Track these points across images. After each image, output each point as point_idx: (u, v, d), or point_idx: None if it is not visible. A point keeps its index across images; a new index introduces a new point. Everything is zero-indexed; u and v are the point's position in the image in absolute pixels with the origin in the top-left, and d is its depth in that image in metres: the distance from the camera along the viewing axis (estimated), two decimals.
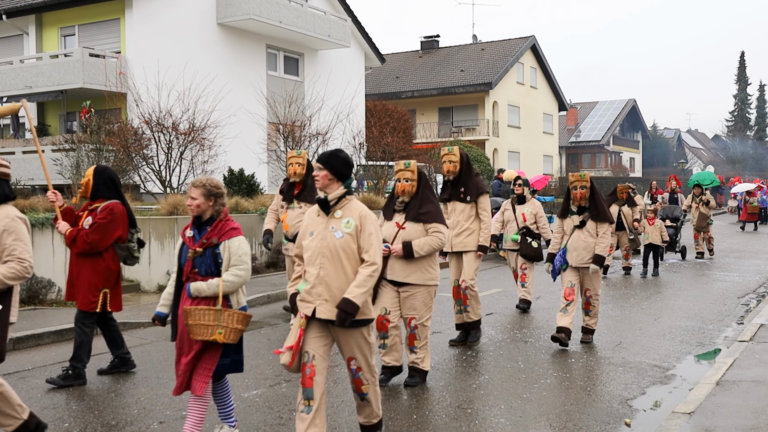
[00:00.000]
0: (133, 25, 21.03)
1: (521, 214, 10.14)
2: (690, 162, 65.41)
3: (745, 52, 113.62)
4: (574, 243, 7.81)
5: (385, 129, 21.20)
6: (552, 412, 5.70)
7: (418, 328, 6.23)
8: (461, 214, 7.58)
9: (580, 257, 7.79)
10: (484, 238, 7.59)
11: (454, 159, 7.55)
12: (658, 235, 13.71)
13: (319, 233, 4.51)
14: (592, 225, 7.79)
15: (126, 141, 15.45)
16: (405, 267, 6.14)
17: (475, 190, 7.57)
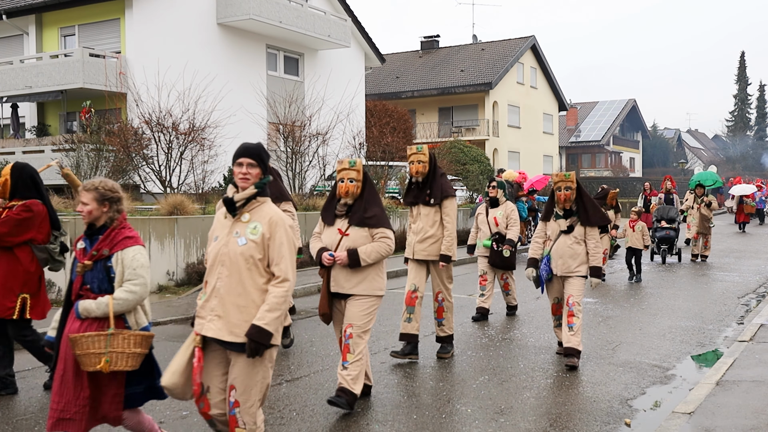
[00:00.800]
0: (133, 25, 21.04)
1: (493, 219, 9.45)
2: (690, 162, 65.45)
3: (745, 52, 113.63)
4: (560, 250, 7.05)
5: (385, 129, 21.19)
6: (552, 412, 5.70)
7: (353, 337, 5.50)
8: (426, 218, 7.06)
9: (566, 266, 7.04)
10: (446, 246, 7.01)
11: (423, 159, 7.00)
12: (639, 239, 13.02)
13: (222, 238, 4.02)
14: (580, 230, 7.05)
15: (126, 141, 15.44)
16: (350, 277, 5.50)
17: (440, 192, 6.99)
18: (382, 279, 5.69)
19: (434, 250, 7.04)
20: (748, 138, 69.50)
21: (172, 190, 15.32)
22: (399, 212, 17.55)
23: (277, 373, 6.75)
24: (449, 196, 7.04)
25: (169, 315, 9.51)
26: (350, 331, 5.52)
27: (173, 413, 5.62)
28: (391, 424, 5.39)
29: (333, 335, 8.44)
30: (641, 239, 13.02)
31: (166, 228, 11.73)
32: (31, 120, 23.51)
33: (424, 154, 7.02)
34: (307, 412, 5.63)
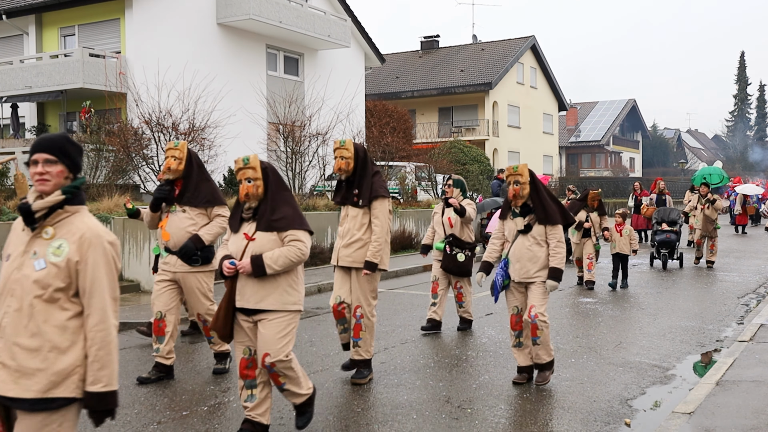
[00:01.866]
0: (133, 25, 21.04)
1: (447, 219, 8.46)
2: (690, 162, 65.44)
3: (745, 52, 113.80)
4: (518, 252, 6.21)
5: (385, 129, 21.21)
6: (552, 412, 5.70)
7: (276, 365, 4.72)
8: (354, 221, 6.26)
9: (524, 270, 6.20)
10: (372, 252, 6.14)
11: (346, 154, 6.18)
12: (626, 243, 12.10)
13: (15, 259, 2.99)
14: (540, 230, 6.19)
15: (126, 141, 15.46)
16: (258, 289, 4.68)
17: (369, 192, 6.18)
18: (298, 291, 4.84)
19: (360, 256, 6.22)
20: (748, 138, 69.52)
21: None
22: (399, 212, 17.54)
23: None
24: (379, 197, 6.21)
25: None
26: (270, 360, 4.69)
27: (173, 413, 5.62)
28: (391, 424, 5.39)
29: (333, 335, 8.45)
30: (628, 244, 12.11)
31: None
32: (31, 120, 23.51)
33: (347, 148, 6.19)
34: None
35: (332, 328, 8.82)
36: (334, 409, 5.72)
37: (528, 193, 6.19)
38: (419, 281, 13.03)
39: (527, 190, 6.18)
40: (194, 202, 6.40)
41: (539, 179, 6.26)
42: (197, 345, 8.01)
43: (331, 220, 15.41)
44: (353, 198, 6.25)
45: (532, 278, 6.20)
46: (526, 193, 6.18)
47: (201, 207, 6.41)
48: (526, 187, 6.19)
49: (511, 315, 6.42)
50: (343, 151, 6.20)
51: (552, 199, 6.25)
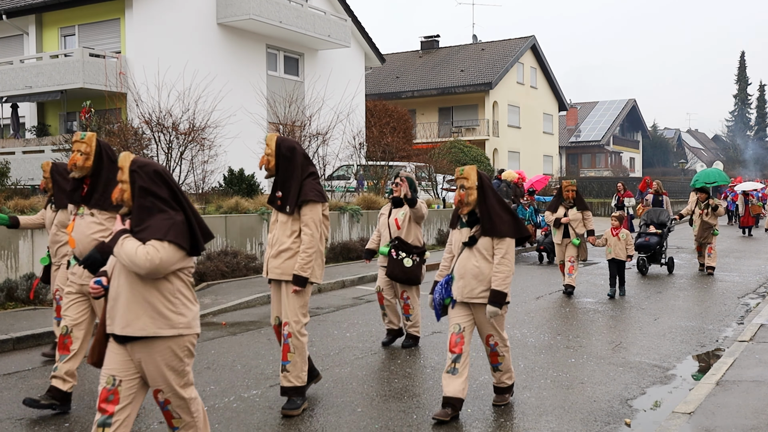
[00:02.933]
0: (133, 25, 21.05)
1: (394, 221, 7.64)
2: (690, 162, 65.46)
3: (745, 52, 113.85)
4: (462, 268, 5.40)
5: (385, 129, 21.21)
6: (552, 412, 5.70)
7: (171, 402, 3.94)
8: (282, 227, 5.56)
9: (468, 289, 5.36)
10: (301, 265, 5.44)
11: (267, 150, 5.51)
12: (622, 248, 11.23)
13: None
14: (486, 243, 5.35)
15: (126, 141, 15.44)
16: (126, 311, 3.78)
17: (295, 197, 5.45)
18: (180, 310, 3.84)
19: (289, 267, 5.53)
20: (748, 138, 69.54)
21: None
22: None
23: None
24: (309, 202, 5.46)
25: None
26: (163, 396, 3.94)
27: None
28: (391, 423, 5.39)
29: (333, 335, 8.46)
30: (625, 249, 11.27)
31: None
32: (31, 120, 23.52)
33: (267, 143, 5.52)
34: (306, 412, 5.63)
35: (332, 328, 8.84)
36: (334, 409, 5.73)
37: (475, 200, 5.35)
38: None
39: (474, 196, 5.34)
40: (103, 204, 5.38)
41: (489, 183, 5.43)
42: (197, 345, 8.00)
43: (332, 220, 15.41)
44: (277, 201, 5.56)
45: (476, 299, 5.37)
46: (473, 200, 5.34)
47: (112, 210, 5.32)
48: (473, 193, 5.34)
49: (451, 334, 5.43)
50: (266, 147, 5.52)
51: (503, 208, 5.39)
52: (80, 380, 6.51)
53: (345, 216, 15.82)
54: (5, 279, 9.83)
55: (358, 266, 14.13)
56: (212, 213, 13.47)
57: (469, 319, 5.47)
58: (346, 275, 12.88)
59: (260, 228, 13.64)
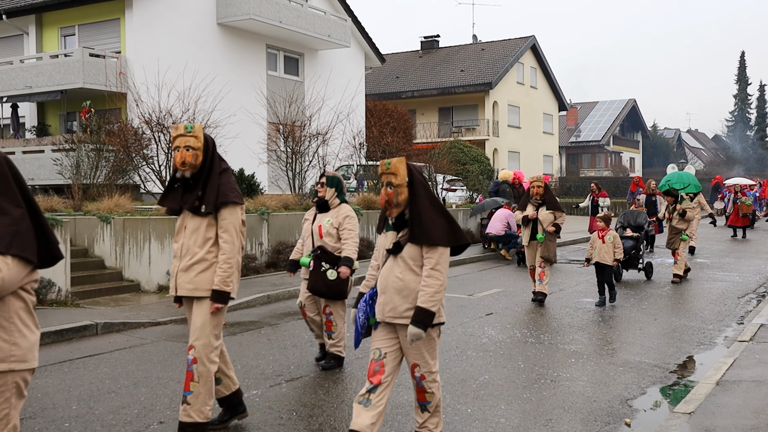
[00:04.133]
0: (133, 25, 21.05)
1: (318, 227, 6.73)
2: (690, 162, 65.48)
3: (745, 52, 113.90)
4: (384, 281, 4.42)
5: (385, 129, 21.20)
6: (552, 412, 5.70)
7: None
8: (194, 235, 4.80)
9: (391, 306, 4.35)
10: (221, 278, 4.73)
11: (193, 144, 4.76)
12: (609, 251, 10.39)
13: None
14: (414, 251, 4.33)
15: (126, 141, 15.45)
16: None
17: (214, 196, 4.75)
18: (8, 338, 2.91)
19: (203, 281, 4.78)
20: (749, 138, 69.55)
21: None
22: None
23: (277, 373, 6.74)
24: (229, 203, 4.78)
25: (169, 315, 9.51)
26: None
27: (173, 413, 5.62)
28: (391, 424, 5.39)
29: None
30: (611, 253, 10.45)
31: (166, 228, 11.74)
32: (31, 120, 23.52)
33: (195, 136, 4.77)
34: (306, 412, 5.63)
35: None
36: (334, 410, 5.73)
37: (405, 200, 4.36)
38: None
39: (404, 195, 4.35)
40: None
41: (422, 180, 4.45)
42: None
43: None
44: (194, 202, 4.77)
45: (400, 318, 4.32)
46: (403, 200, 4.35)
47: None
48: (404, 191, 4.35)
49: (371, 360, 4.45)
50: (189, 139, 4.76)
51: (436, 210, 4.38)
52: (79, 381, 6.51)
53: None
54: None
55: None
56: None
57: (393, 344, 4.44)
58: None
59: (260, 228, 13.65)
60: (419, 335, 4.23)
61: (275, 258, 13.59)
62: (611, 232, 10.58)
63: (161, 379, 6.59)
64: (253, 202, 14.31)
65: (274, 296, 11.02)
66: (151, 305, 10.38)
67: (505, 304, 10.59)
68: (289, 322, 9.32)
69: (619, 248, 10.52)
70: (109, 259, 12.05)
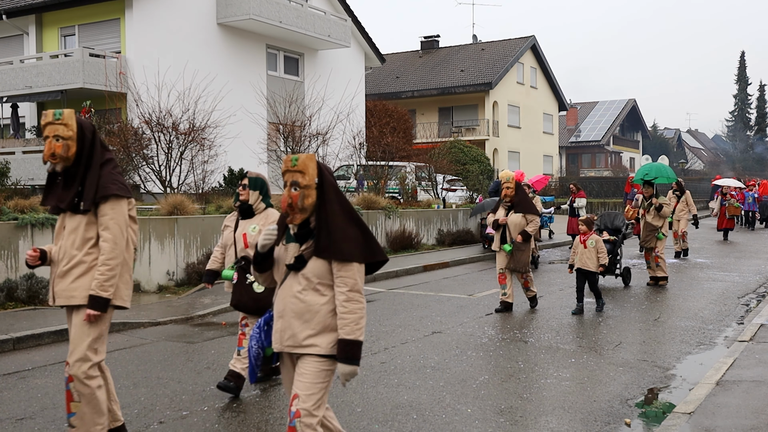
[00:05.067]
0: (133, 25, 21.05)
1: (242, 236, 5.95)
2: (690, 162, 65.49)
3: (745, 52, 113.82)
4: (282, 302, 3.66)
5: (385, 129, 21.21)
6: (552, 412, 5.70)
7: None
8: (72, 235, 4.23)
9: (289, 332, 3.61)
10: (100, 282, 4.17)
11: (62, 133, 4.16)
12: (591, 257, 9.73)
13: None
14: (320, 268, 3.57)
15: (126, 141, 15.46)
16: None
17: (93, 190, 4.16)
18: None
19: (82, 287, 4.22)
20: (749, 138, 69.53)
21: (172, 190, 15.33)
22: (399, 212, 17.54)
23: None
24: (111, 196, 4.19)
25: (169, 315, 9.51)
26: None
27: (173, 413, 5.63)
28: (391, 424, 5.39)
29: None
30: (595, 258, 9.77)
31: (166, 228, 11.73)
32: (31, 120, 23.52)
33: (65, 124, 4.18)
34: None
35: None
36: (334, 409, 5.72)
37: (313, 204, 3.60)
38: (419, 281, 13.03)
39: (312, 199, 3.59)
40: None
41: (333, 181, 3.68)
42: (197, 345, 8.02)
43: None
44: (72, 200, 4.19)
45: (301, 347, 3.59)
46: (310, 204, 3.59)
47: None
48: (312, 194, 3.59)
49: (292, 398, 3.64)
50: (58, 127, 4.17)
51: (349, 219, 3.63)
52: None
53: None
54: (5, 279, 9.84)
55: None
56: (212, 213, 13.46)
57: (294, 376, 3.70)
58: None
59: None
60: (354, 372, 3.53)
61: None
62: (593, 237, 9.86)
63: (161, 379, 6.59)
64: None
65: None
66: (151, 305, 10.37)
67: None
68: None
69: (603, 253, 9.82)
70: None
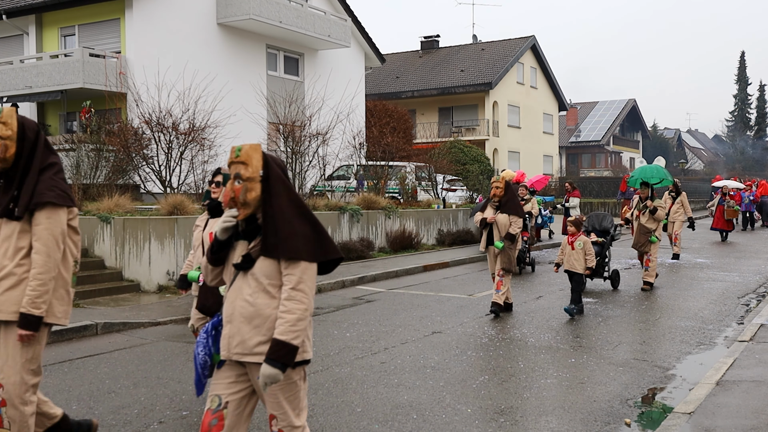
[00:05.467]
0: (133, 25, 21.04)
1: (209, 235, 5.53)
2: (690, 162, 65.49)
3: (745, 52, 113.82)
4: (231, 306, 3.39)
5: (385, 129, 21.20)
6: (552, 412, 5.70)
7: None
8: (5, 243, 3.93)
9: (238, 339, 3.34)
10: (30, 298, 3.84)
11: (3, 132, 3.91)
12: (579, 258, 9.55)
13: None
14: (269, 267, 3.33)
15: (126, 141, 15.46)
16: None
17: (29, 195, 3.87)
18: None
19: (12, 302, 3.88)
20: (749, 138, 69.53)
21: (172, 190, 15.33)
22: (399, 212, 17.54)
23: None
24: (47, 205, 3.88)
25: (169, 315, 9.51)
26: None
27: (173, 413, 5.63)
28: (391, 424, 5.39)
29: (333, 335, 8.47)
30: (583, 259, 9.59)
31: (166, 228, 11.73)
32: None
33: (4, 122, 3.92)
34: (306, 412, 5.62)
35: (332, 328, 8.83)
36: (334, 409, 5.73)
37: (257, 199, 3.36)
38: (419, 281, 13.03)
39: (256, 193, 3.35)
40: None
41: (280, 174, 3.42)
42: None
43: (332, 220, 15.42)
44: (8, 205, 3.90)
45: (251, 354, 3.32)
46: (254, 199, 3.35)
47: None
48: (256, 188, 3.35)
49: (206, 411, 3.40)
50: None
51: (299, 214, 3.39)
52: (78, 381, 6.51)
53: (345, 216, 15.83)
54: None
55: (357, 266, 14.13)
56: None
57: (238, 390, 3.40)
58: (346, 275, 12.88)
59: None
60: (275, 377, 3.20)
61: None
62: (581, 238, 9.68)
63: (161, 379, 6.59)
64: None
65: None
66: (151, 305, 10.38)
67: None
68: None
69: (591, 255, 9.60)
70: (109, 259, 12.05)
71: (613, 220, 12.40)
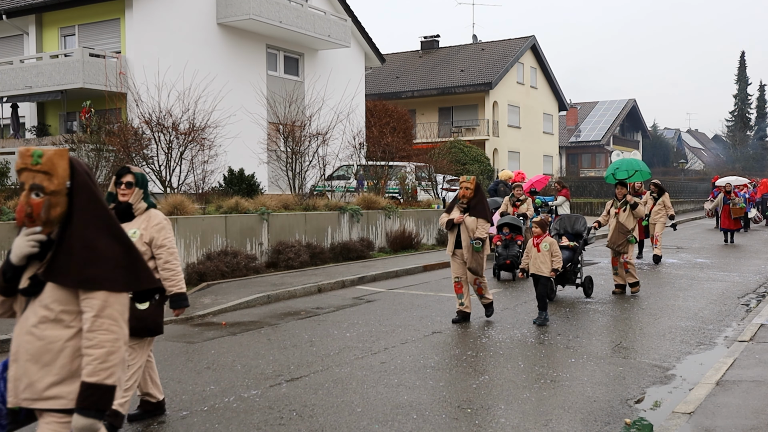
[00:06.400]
0: (133, 25, 21.05)
1: None
2: (690, 162, 65.47)
3: (745, 52, 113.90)
4: (16, 341, 2.88)
5: (385, 129, 21.21)
6: (552, 412, 5.70)
7: None
8: None
9: (27, 381, 2.80)
10: None
11: None
12: (545, 261, 8.98)
13: None
14: (63, 294, 2.79)
15: (126, 141, 15.46)
16: None
17: None
18: None
19: None
20: (749, 138, 69.52)
21: (172, 190, 15.33)
22: (399, 212, 17.54)
23: (277, 373, 6.75)
24: None
25: (168, 315, 9.49)
26: None
27: (173, 413, 5.63)
28: (391, 424, 5.39)
29: (333, 335, 8.47)
30: (548, 262, 9.01)
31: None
32: (31, 120, 23.52)
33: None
34: (306, 412, 5.63)
35: (332, 328, 8.83)
36: (334, 409, 5.73)
37: (60, 216, 2.86)
38: (419, 281, 13.03)
39: (61, 209, 2.84)
40: None
41: (89, 182, 2.90)
42: (197, 345, 8.02)
43: (331, 220, 15.43)
44: None
45: (42, 400, 2.78)
46: (57, 216, 2.85)
47: None
48: (60, 202, 2.84)
49: None
50: None
51: (108, 233, 2.86)
52: None
53: (345, 216, 15.83)
54: None
55: (357, 266, 14.14)
56: (212, 213, 13.47)
57: None
58: (346, 275, 12.89)
59: (260, 228, 13.65)
60: (92, 428, 2.70)
61: (275, 258, 13.60)
62: (547, 239, 9.12)
63: (161, 379, 6.59)
64: (253, 202, 14.32)
65: (274, 296, 11.02)
66: None
67: (504, 304, 10.59)
68: (289, 322, 9.32)
69: (558, 257, 9.02)
70: None
71: (587, 222, 11.70)
